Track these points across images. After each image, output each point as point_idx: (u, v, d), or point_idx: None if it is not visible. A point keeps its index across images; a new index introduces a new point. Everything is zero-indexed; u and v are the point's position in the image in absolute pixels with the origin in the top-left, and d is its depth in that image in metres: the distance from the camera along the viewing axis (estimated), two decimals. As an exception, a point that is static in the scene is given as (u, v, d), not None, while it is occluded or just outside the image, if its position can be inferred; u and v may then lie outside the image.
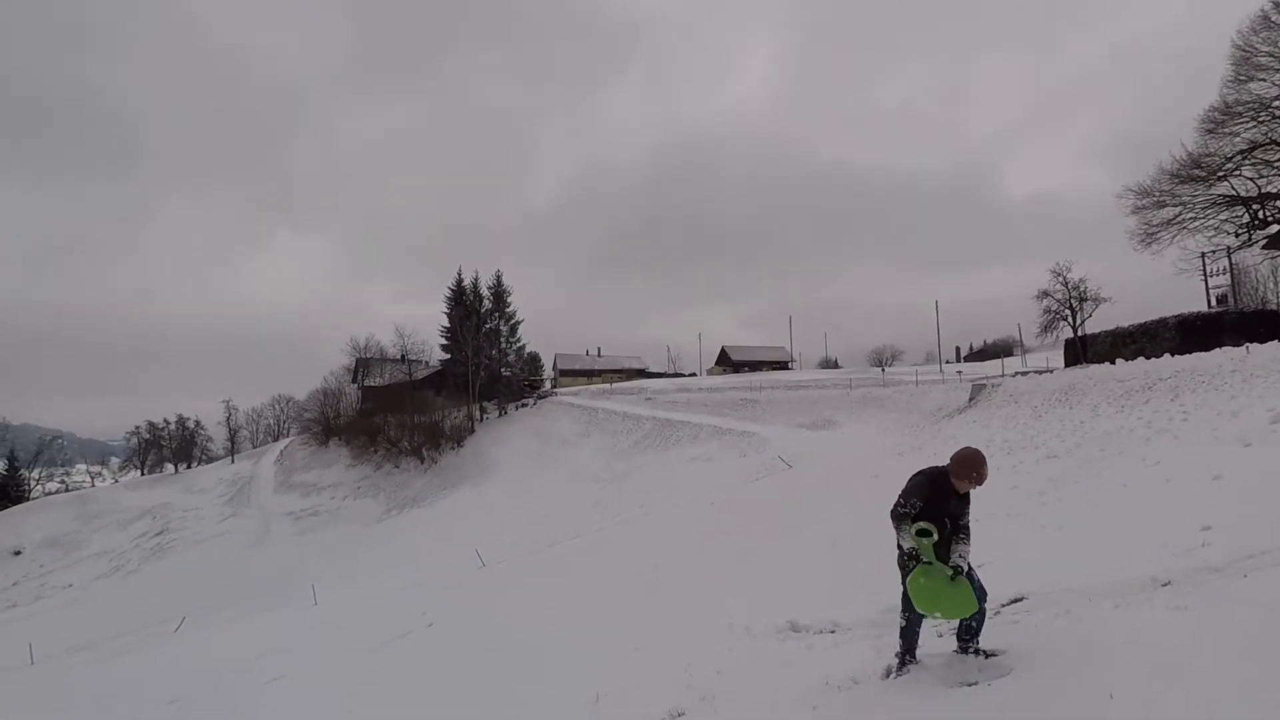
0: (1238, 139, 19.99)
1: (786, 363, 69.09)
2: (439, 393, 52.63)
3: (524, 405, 52.37)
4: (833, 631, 6.19)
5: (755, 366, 64.74)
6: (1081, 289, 31.43)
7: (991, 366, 42.74)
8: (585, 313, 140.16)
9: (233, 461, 58.59)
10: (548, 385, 62.20)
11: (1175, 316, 23.69)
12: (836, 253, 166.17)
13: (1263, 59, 19.07)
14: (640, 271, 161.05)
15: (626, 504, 29.90)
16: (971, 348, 72.65)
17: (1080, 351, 28.83)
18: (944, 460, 4.35)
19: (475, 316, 52.72)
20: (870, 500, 15.64)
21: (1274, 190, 20.13)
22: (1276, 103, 19.20)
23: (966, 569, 4.07)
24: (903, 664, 4.29)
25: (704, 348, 78.84)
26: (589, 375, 67.37)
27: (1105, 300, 31.93)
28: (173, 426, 66.32)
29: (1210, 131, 20.46)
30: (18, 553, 43.67)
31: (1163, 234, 22.01)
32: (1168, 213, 21.58)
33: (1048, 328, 32.86)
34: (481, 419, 51.92)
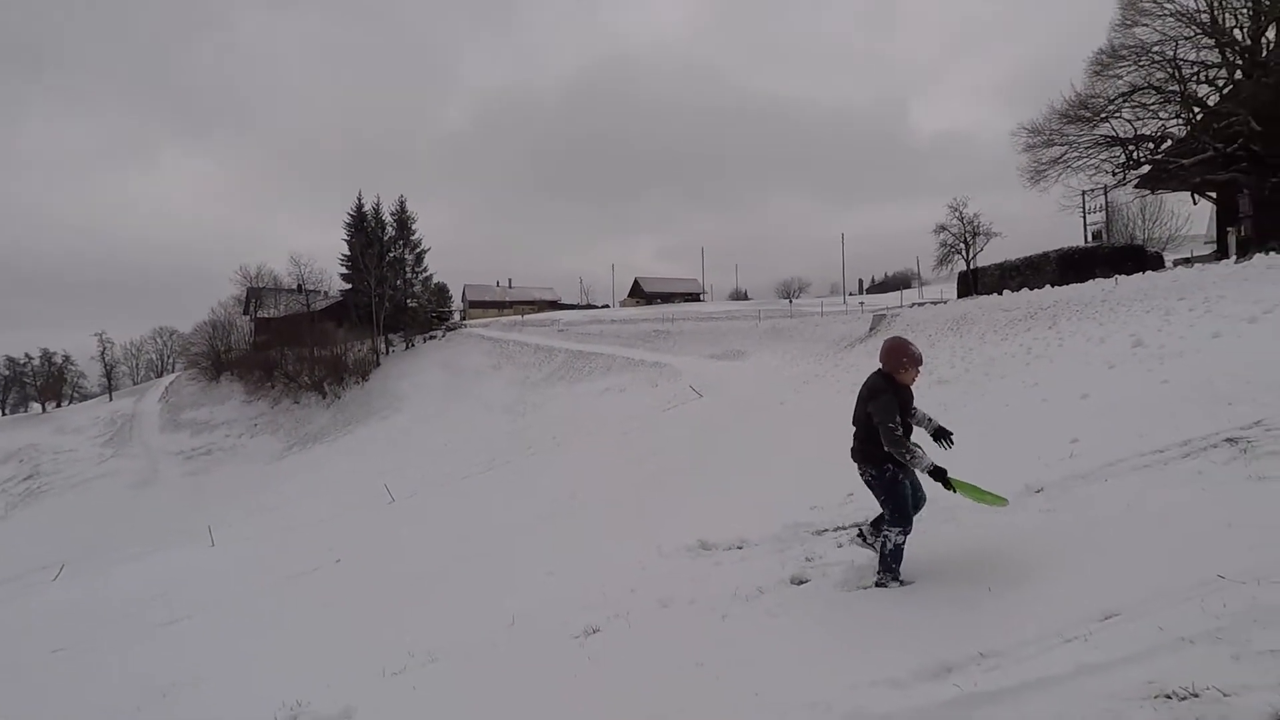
0: (1120, 81, 21.17)
1: (698, 295, 69.96)
2: (340, 325, 50.39)
3: (432, 338, 50.98)
4: (740, 548, 6.44)
5: (668, 298, 65.27)
6: (975, 224, 33.07)
7: (891, 298, 44.77)
8: (500, 243, 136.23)
9: (111, 399, 54.65)
10: (456, 317, 60.62)
11: (1056, 251, 25.30)
12: (754, 184, 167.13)
13: (1147, 4, 20.08)
14: (558, 200, 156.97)
15: (540, 435, 30.01)
16: (873, 280, 75.85)
17: (972, 283, 30.49)
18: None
19: (378, 244, 50.24)
20: (777, 427, 16.33)
21: (1147, 133, 21.58)
22: (1156, 48, 20.36)
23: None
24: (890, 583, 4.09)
25: (618, 279, 78.74)
26: (500, 307, 66.09)
27: (996, 235, 33.77)
28: (37, 362, 60.78)
29: (1097, 73, 21.55)
30: None
31: (1050, 171, 23.30)
32: (1055, 151, 22.79)
33: (943, 260, 34.52)
34: (387, 352, 50.27)
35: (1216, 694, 2.06)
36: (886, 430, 3.86)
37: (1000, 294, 21.76)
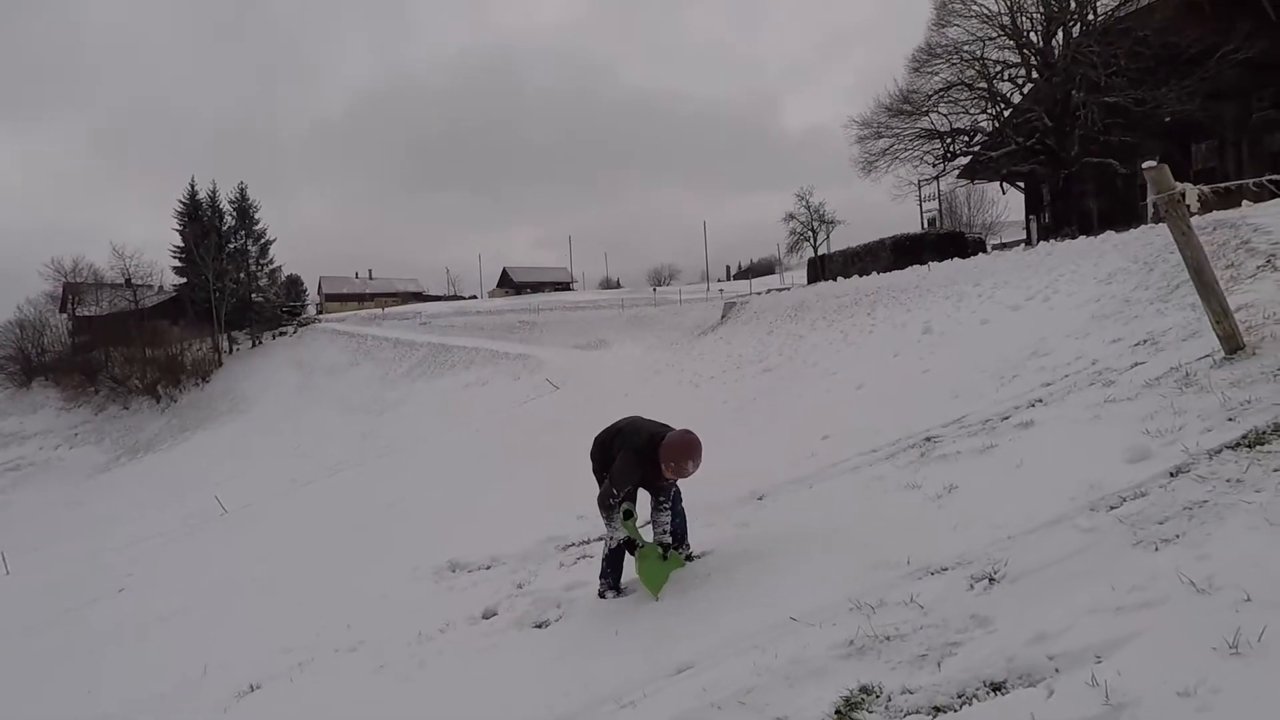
0: (936, 78, 22.48)
1: (569, 284, 69.16)
2: (176, 322, 46.00)
3: (282, 334, 47.51)
4: (488, 568, 6.06)
5: (537, 288, 64.00)
6: (821, 212, 34.37)
7: (744, 285, 45.81)
8: (370, 235, 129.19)
9: (-107, 413, 47.38)
10: (312, 311, 56.84)
11: (891, 238, 26.62)
12: (628, 175, 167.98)
13: (957, 5, 21.37)
14: (433, 191, 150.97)
15: (394, 436, 28.77)
16: (740, 266, 77.79)
17: (820, 270, 31.69)
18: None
19: (215, 235, 46.05)
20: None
21: (961, 126, 23.05)
22: (966, 46, 21.71)
23: (670, 534, 3.90)
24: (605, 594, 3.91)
25: (491, 270, 76.64)
26: (360, 300, 62.53)
27: (840, 223, 35.28)
28: None
29: (916, 70, 22.76)
30: None
31: (879, 162, 24.46)
32: (883, 143, 23.93)
33: (793, 248, 35.74)
34: (231, 350, 46.42)
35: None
36: (606, 492, 3.66)
37: (834, 280, 22.64)
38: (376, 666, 3.85)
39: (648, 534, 3.95)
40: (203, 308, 45.68)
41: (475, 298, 63.34)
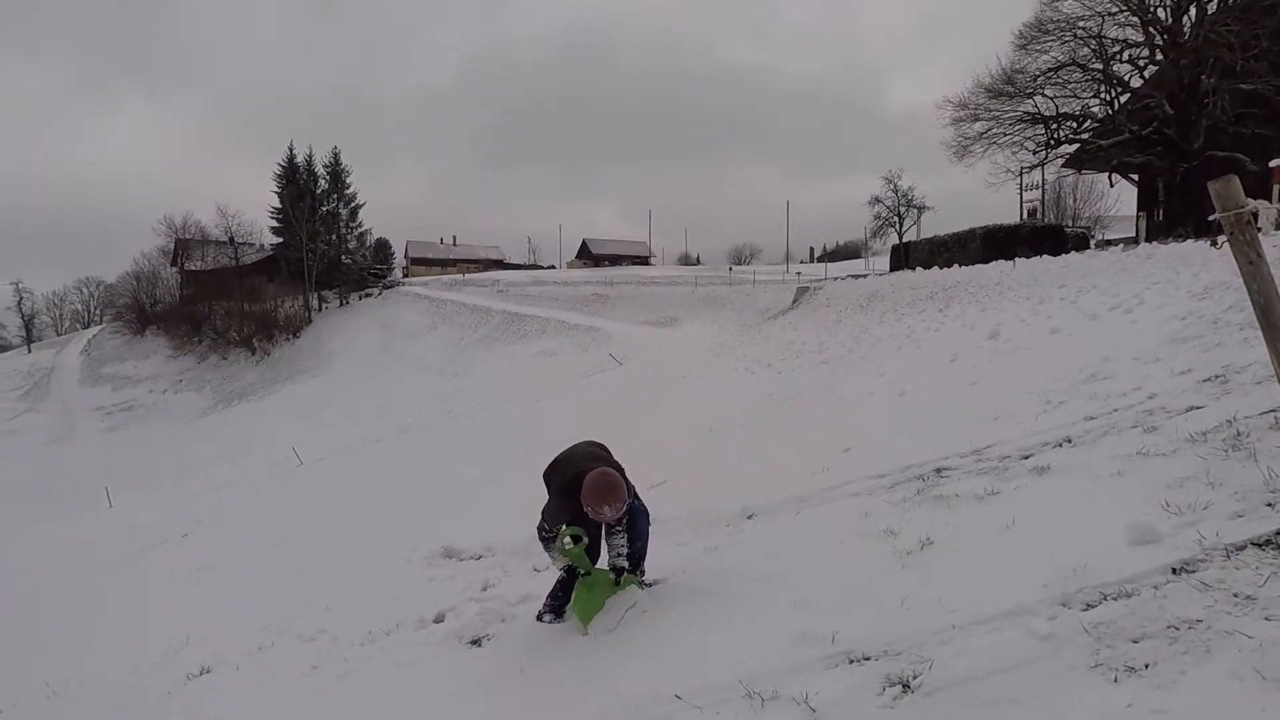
0: (1045, 57, 20.56)
1: (647, 258, 68.62)
2: (272, 280, 48.57)
3: (368, 295, 49.44)
4: (478, 558, 5.91)
5: (615, 261, 63.83)
6: (909, 197, 32.55)
7: (821, 269, 44.08)
8: (463, 202, 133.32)
9: (29, 351, 52.32)
10: (398, 274, 58.82)
11: (982, 228, 24.94)
12: (719, 151, 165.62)
13: (1075, -25, 19.41)
14: (526, 162, 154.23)
15: (464, 400, 29.56)
16: (825, 248, 75.26)
17: (903, 258, 30.10)
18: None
19: (310, 197, 48.14)
20: (658, 403, 15.92)
21: (1070, 111, 21.08)
22: (1082, 23, 19.74)
23: (627, 558, 3.55)
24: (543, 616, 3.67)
25: (572, 240, 77.04)
26: (443, 265, 64.18)
27: (929, 209, 33.31)
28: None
29: (1022, 47, 20.86)
30: None
31: (975, 147, 22.74)
32: (980, 126, 22.20)
33: (877, 233, 34.05)
34: (320, 309, 48.70)
35: None
36: (540, 525, 3.56)
37: (915, 270, 21.46)
38: (310, 667, 3.74)
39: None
40: (296, 267, 47.99)
41: (554, 268, 63.91)
